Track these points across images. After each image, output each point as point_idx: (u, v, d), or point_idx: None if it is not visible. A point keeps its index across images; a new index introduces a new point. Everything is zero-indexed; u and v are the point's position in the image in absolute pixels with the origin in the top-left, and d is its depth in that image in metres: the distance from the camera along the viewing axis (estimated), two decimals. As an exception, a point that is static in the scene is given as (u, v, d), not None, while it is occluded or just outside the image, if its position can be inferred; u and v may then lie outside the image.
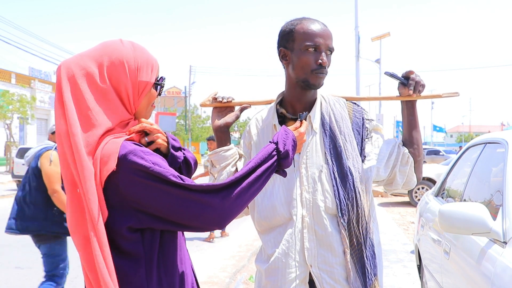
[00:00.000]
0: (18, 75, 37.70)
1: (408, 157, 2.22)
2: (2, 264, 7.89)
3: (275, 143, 1.79)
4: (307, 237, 2.09)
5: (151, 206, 1.57)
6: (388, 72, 2.23)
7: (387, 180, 2.23)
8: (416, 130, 2.26)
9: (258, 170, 1.69)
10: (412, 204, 14.64)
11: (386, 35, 24.61)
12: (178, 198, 1.56)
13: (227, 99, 2.29)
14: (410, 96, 2.20)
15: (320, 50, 2.12)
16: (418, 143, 2.26)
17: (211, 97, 2.32)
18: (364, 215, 2.11)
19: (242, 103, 2.31)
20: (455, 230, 2.86)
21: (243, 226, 11.26)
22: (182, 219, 1.58)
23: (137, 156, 1.56)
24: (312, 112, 2.19)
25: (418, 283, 5.69)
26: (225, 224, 1.64)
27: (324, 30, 2.15)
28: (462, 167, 4.51)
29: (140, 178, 1.55)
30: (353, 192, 2.08)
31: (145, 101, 1.75)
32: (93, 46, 1.73)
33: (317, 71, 2.12)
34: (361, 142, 2.20)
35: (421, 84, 2.18)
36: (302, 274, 2.09)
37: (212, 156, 2.29)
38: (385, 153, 2.21)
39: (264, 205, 2.17)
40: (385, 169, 2.19)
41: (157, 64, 1.78)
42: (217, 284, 6.70)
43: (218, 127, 2.29)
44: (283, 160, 1.78)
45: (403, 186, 2.25)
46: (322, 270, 2.07)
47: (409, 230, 10.71)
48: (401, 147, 2.23)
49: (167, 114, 37.78)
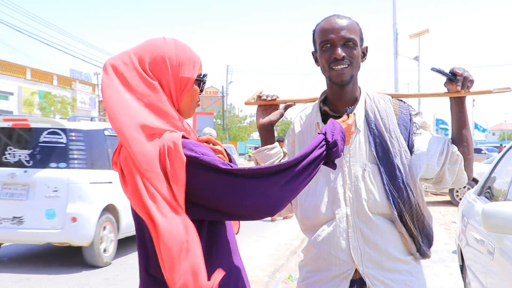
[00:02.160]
0: (59, 76, 38.63)
1: (457, 155, 2.16)
2: (45, 261, 8.08)
3: (323, 134, 1.79)
4: (352, 236, 2.08)
5: (202, 195, 1.59)
6: (435, 68, 2.17)
7: (436, 178, 2.19)
8: (466, 127, 2.20)
9: (307, 159, 1.69)
10: (453, 203, 14.38)
11: (424, 32, 24.24)
12: (229, 185, 1.58)
13: (271, 97, 2.30)
14: (458, 92, 2.13)
15: (335, 44, 2.10)
16: (467, 141, 2.20)
17: (256, 96, 2.34)
18: (420, 210, 2.09)
19: (287, 101, 2.32)
20: (499, 230, 2.80)
21: (281, 226, 11.26)
22: (233, 206, 1.60)
23: (186, 148, 1.59)
24: (356, 110, 2.17)
25: (461, 284, 5.58)
26: (276, 211, 1.64)
27: (337, 23, 2.12)
28: (506, 166, 4.41)
29: (190, 169, 1.57)
30: (403, 190, 2.05)
31: (187, 98, 1.76)
32: (137, 44, 1.76)
33: (334, 65, 2.11)
34: (409, 137, 2.15)
35: (469, 80, 2.11)
36: (347, 273, 2.08)
37: (257, 154, 2.32)
38: (435, 150, 2.16)
39: (307, 204, 2.16)
40: (436, 166, 2.15)
41: (200, 61, 1.80)
42: (256, 283, 6.71)
43: (262, 125, 2.31)
44: (332, 150, 1.78)
45: (452, 184, 2.21)
46: (369, 268, 2.06)
47: (450, 230, 10.53)
48: (450, 145, 2.18)
49: (205, 113, 38.06)
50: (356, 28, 2.15)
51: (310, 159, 1.70)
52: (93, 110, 40.70)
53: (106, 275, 7.22)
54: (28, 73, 34.82)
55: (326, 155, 1.76)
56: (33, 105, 32.30)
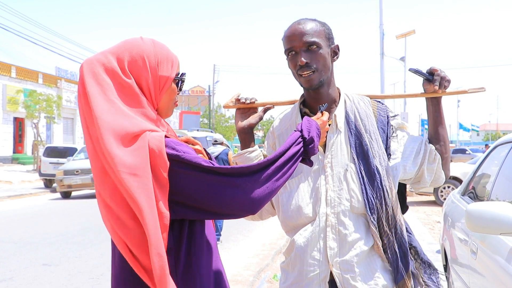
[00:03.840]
0: (45, 75, 38.29)
1: (435, 154, 2.19)
2: (29, 261, 8.01)
3: (299, 131, 1.82)
4: (330, 236, 2.07)
5: (184, 193, 1.59)
6: (413, 68, 2.19)
7: (414, 178, 2.21)
8: (442, 126, 2.23)
9: (285, 155, 1.72)
10: (438, 203, 14.47)
11: (411, 32, 24.36)
12: (211, 183, 1.58)
13: (250, 100, 2.29)
14: (436, 92, 2.16)
15: (298, 51, 2.11)
16: (444, 139, 2.24)
17: (234, 99, 2.32)
18: (394, 213, 2.08)
19: (265, 104, 2.31)
20: (483, 230, 2.82)
21: (267, 225, 11.26)
22: (215, 204, 1.60)
23: (168, 147, 1.59)
24: (337, 111, 2.17)
25: (444, 283, 5.62)
26: (258, 209, 1.65)
27: (297, 29, 2.12)
28: (490, 166, 4.44)
29: (173, 167, 1.57)
30: (381, 191, 2.05)
31: (166, 97, 1.76)
32: (114, 45, 1.76)
33: (300, 71, 2.11)
34: (386, 140, 2.17)
35: (446, 80, 2.14)
36: (323, 273, 2.06)
37: (237, 158, 2.31)
38: (411, 150, 2.18)
39: (289, 205, 2.16)
40: (413, 167, 2.16)
41: (177, 60, 1.80)
42: (241, 283, 6.71)
43: (242, 128, 2.30)
44: (309, 147, 1.81)
45: (431, 183, 2.22)
46: (343, 270, 2.04)
47: (434, 230, 10.59)
48: (427, 145, 2.20)
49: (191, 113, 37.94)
50: (319, 30, 2.13)
51: (288, 156, 1.73)
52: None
53: (91, 274, 7.18)
54: (13, 71, 34.47)
55: (303, 152, 1.79)
56: (18, 104, 32.01)
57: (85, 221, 12.27)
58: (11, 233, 10.70)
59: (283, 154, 1.72)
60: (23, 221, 12.59)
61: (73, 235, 10.35)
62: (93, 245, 9.26)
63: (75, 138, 40.98)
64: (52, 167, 21.57)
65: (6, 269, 7.46)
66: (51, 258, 8.14)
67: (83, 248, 8.96)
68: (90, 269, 7.49)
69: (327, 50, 2.14)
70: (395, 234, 2.09)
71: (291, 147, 1.76)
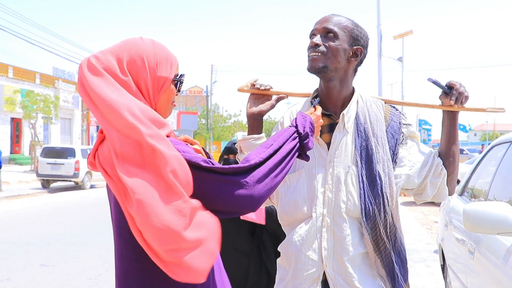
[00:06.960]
0: (42, 75, 38.17)
1: (441, 169, 2.15)
2: (27, 261, 7.99)
3: (294, 126, 1.84)
4: (325, 236, 2.06)
5: None
6: (431, 79, 2.13)
7: (417, 189, 2.17)
8: (455, 143, 2.18)
9: (281, 151, 1.73)
10: (435, 203, 14.44)
11: (408, 33, 24.35)
12: (211, 182, 1.59)
13: (265, 87, 2.27)
14: (452, 106, 2.12)
15: (316, 34, 2.12)
16: (454, 156, 2.18)
17: (250, 83, 2.30)
18: (392, 221, 2.06)
19: (280, 93, 2.29)
20: (480, 230, 2.82)
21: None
22: (216, 203, 1.60)
23: None
24: (345, 110, 2.14)
25: (442, 283, 5.63)
26: (258, 206, 1.65)
27: (324, 17, 2.16)
28: (487, 166, 4.44)
29: None
30: (380, 198, 2.02)
31: (164, 98, 1.76)
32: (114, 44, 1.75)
33: (309, 52, 2.12)
34: (395, 147, 2.13)
35: (464, 96, 2.10)
36: (316, 273, 2.06)
37: (242, 142, 2.28)
38: (419, 161, 2.14)
39: (287, 199, 2.15)
40: (417, 178, 2.13)
41: (177, 61, 1.79)
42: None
43: (252, 114, 2.27)
44: (304, 142, 1.83)
45: (433, 198, 2.18)
46: (336, 272, 2.04)
47: (432, 230, 10.61)
48: (436, 158, 2.16)
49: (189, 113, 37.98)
50: (344, 25, 2.12)
51: (285, 151, 1.74)
52: (76, 109, 40.27)
53: (89, 275, 7.18)
54: (10, 71, 34.37)
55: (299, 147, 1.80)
56: (15, 104, 31.92)
57: (83, 221, 12.27)
58: (9, 233, 10.67)
59: (279, 150, 1.73)
60: (21, 222, 12.55)
61: (71, 235, 10.34)
62: (91, 245, 9.26)
63: (72, 138, 40.88)
64: (50, 168, 21.52)
65: (3, 270, 7.44)
66: (48, 259, 8.13)
67: (81, 249, 8.95)
68: (88, 269, 7.49)
69: (345, 45, 2.11)
70: (394, 242, 2.07)
71: (287, 142, 1.77)
